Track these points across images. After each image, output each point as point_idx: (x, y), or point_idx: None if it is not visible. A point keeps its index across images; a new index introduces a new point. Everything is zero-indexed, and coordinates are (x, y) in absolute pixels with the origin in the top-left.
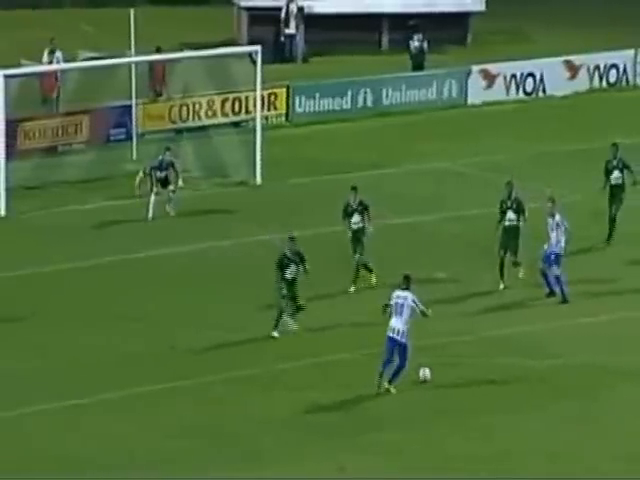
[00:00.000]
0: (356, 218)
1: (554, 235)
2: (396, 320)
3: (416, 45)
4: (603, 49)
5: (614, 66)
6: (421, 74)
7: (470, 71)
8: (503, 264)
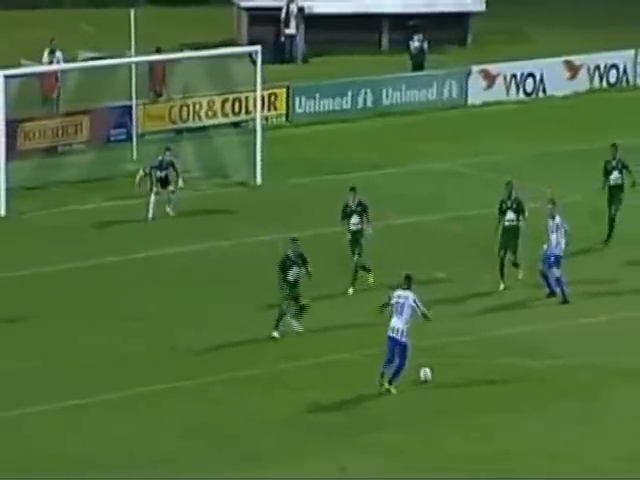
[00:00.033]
0: (355, 219)
1: (554, 237)
2: (396, 320)
3: (416, 45)
4: (603, 49)
5: (614, 66)
6: (421, 74)
7: (470, 71)
8: (503, 264)
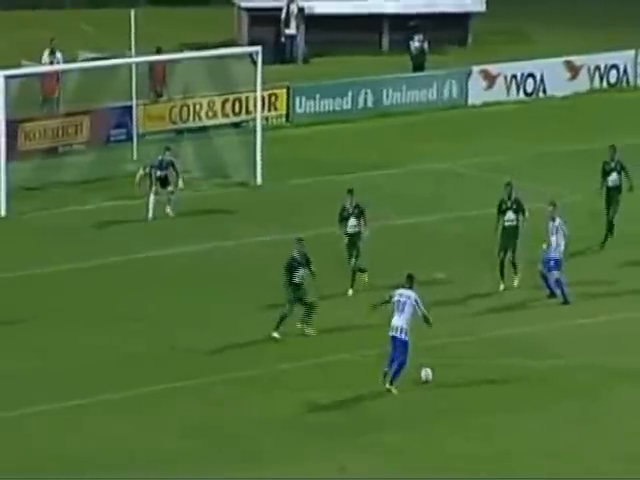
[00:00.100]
0: (352, 221)
1: (554, 239)
2: (397, 318)
3: (416, 46)
4: (603, 50)
5: (614, 67)
6: (421, 75)
7: (470, 71)
8: (503, 265)
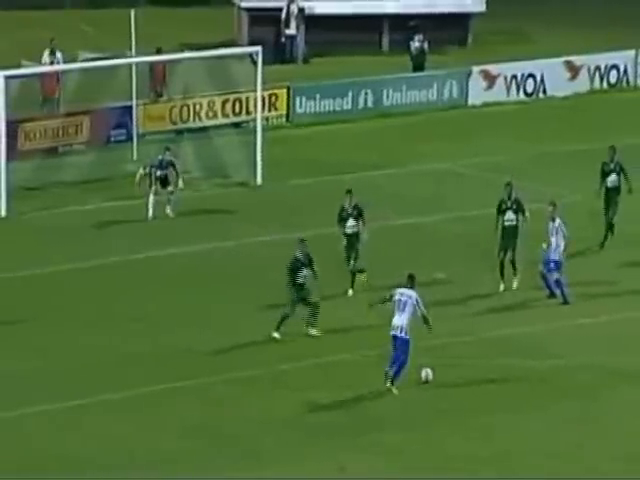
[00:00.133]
0: (351, 222)
1: (554, 240)
2: (398, 317)
3: (417, 46)
4: (604, 50)
5: (615, 67)
6: (422, 75)
7: (470, 72)
8: (503, 265)
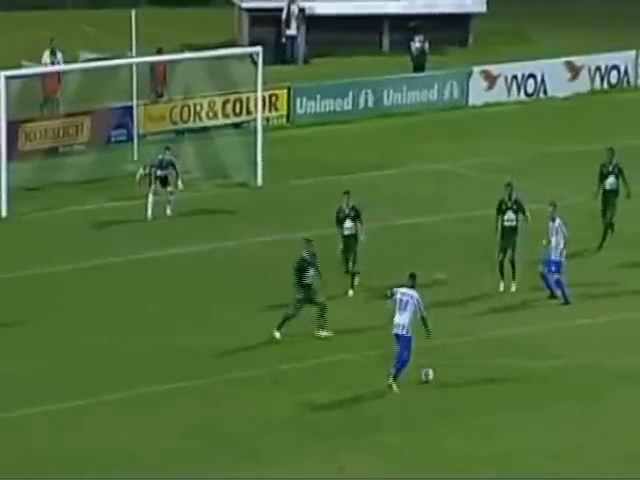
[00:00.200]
0: (348, 224)
1: (554, 239)
2: (399, 316)
3: (417, 46)
4: (604, 50)
5: (615, 67)
6: (422, 75)
7: (471, 72)
8: (503, 265)
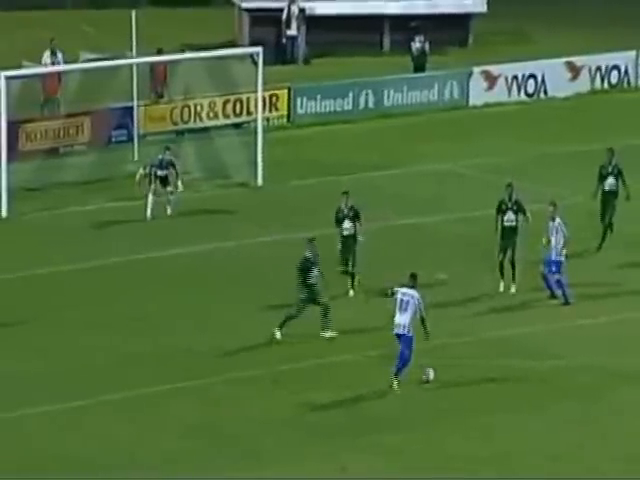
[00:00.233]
0: (347, 224)
1: (554, 239)
2: (400, 316)
3: (417, 46)
4: (605, 50)
5: (616, 67)
6: (422, 75)
7: (471, 72)
8: (503, 265)
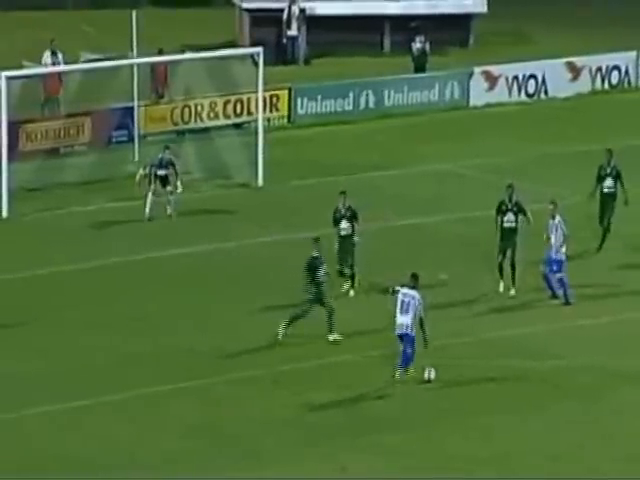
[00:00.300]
0: (344, 224)
1: (553, 237)
2: (402, 317)
3: (418, 47)
4: (605, 50)
5: (616, 67)
6: (423, 76)
7: (472, 73)
8: (502, 266)
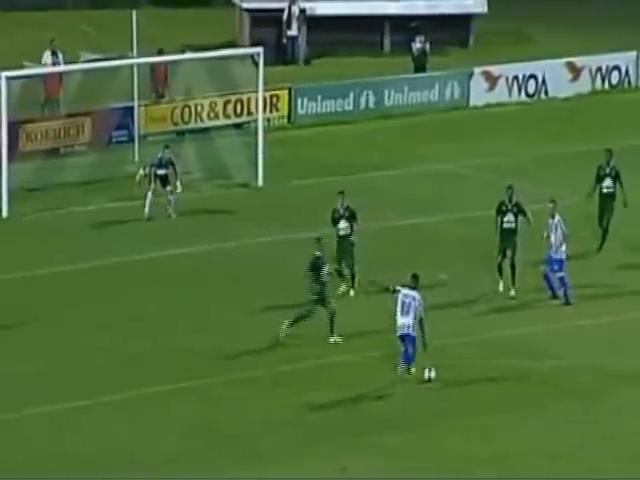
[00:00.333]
0: (343, 224)
1: (553, 236)
2: (403, 318)
3: (418, 47)
4: (605, 51)
5: (616, 68)
6: (423, 76)
7: (472, 73)
8: (502, 267)
